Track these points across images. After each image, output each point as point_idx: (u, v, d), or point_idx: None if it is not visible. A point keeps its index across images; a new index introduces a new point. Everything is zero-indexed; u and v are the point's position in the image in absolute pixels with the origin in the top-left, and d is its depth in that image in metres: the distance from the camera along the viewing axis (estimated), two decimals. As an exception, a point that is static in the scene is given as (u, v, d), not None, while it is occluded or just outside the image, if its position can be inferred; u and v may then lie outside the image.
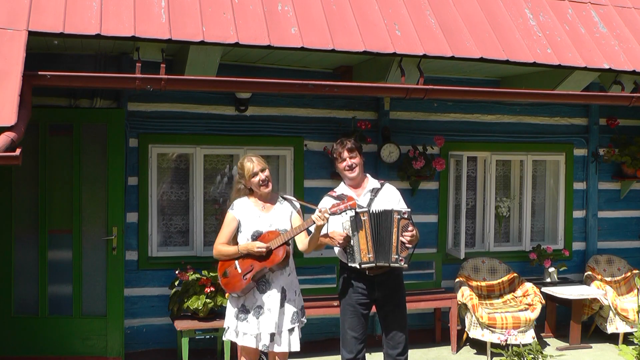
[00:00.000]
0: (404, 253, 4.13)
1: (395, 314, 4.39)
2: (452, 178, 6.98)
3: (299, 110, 6.47)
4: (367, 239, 4.13)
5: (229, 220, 4.28)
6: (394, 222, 4.13)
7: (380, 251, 4.15)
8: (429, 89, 5.28)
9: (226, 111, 6.28)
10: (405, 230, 4.13)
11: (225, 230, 4.27)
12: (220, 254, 4.23)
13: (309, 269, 6.40)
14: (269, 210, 4.25)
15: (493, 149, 7.06)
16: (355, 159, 4.35)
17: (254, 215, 4.23)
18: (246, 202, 4.29)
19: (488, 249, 7.09)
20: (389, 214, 4.15)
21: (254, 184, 4.19)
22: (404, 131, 6.69)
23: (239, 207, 4.28)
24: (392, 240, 4.13)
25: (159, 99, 6.03)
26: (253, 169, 4.19)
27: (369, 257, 4.14)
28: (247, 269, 4.12)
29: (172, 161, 6.35)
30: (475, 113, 7.01)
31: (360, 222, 4.13)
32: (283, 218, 4.23)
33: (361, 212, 4.16)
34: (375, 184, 4.42)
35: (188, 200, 6.33)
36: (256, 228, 4.18)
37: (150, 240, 6.13)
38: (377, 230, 4.15)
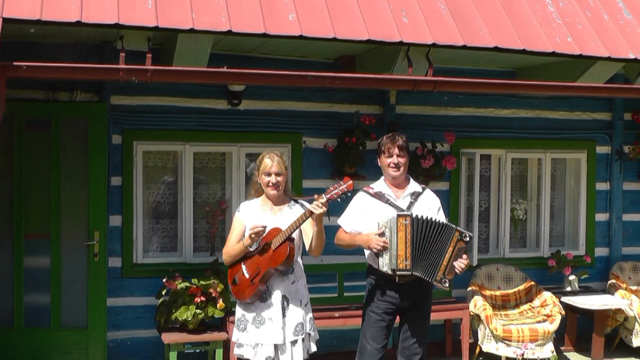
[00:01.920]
0: (450, 275, 4.18)
1: (418, 322, 4.45)
2: (463, 178, 6.98)
3: (297, 104, 6.47)
4: (406, 244, 4.17)
5: (235, 224, 4.35)
6: (452, 240, 4.18)
7: (421, 262, 4.19)
8: (439, 80, 5.28)
9: (218, 105, 6.28)
10: (460, 254, 4.18)
11: (233, 235, 4.33)
12: (229, 256, 4.30)
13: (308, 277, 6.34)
14: (276, 214, 4.29)
15: (508, 147, 7.06)
16: (403, 158, 4.42)
17: (259, 219, 4.26)
18: (254, 204, 4.35)
19: (503, 255, 7.10)
20: (451, 230, 4.19)
21: (263, 182, 4.25)
22: (411, 127, 6.69)
23: (245, 209, 4.35)
24: (444, 259, 4.17)
25: (145, 92, 6.02)
26: (269, 168, 4.24)
27: (405, 264, 4.18)
28: (255, 272, 4.17)
29: (159, 159, 6.35)
30: (489, 107, 7.00)
31: (401, 226, 4.17)
32: (290, 221, 4.23)
33: (403, 216, 4.21)
34: (417, 188, 4.48)
35: (176, 202, 6.33)
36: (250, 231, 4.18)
37: (135, 246, 6.13)
38: (423, 239, 4.19)
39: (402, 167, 4.41)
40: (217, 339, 5.77)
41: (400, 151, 4.41)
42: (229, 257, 4.30)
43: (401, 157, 4.41)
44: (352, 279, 6.35)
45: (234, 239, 4.30)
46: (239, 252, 4.24)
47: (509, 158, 7.11)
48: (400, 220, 4.19)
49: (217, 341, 5.77)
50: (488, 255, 7.11)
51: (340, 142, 6.40)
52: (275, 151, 4.35)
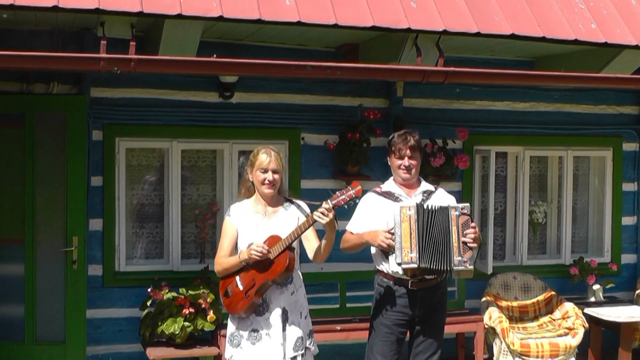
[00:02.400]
0: (467, 254, 4.20)
1: (432, 334, 4.45)
2: (477, 178, 6.97)
3: (294, 96, 6.47)
4: (411, 236, 4.19)
5: (227, 229, 4.29)
6: (452, 220, 4.21)
7: (429, 253, 4.20)
8: (450, 71, 5.27)
9: (208, 98, 6.28)
10: (466, 227, 4.21)
11: (225, 241, 4.27)
12: (223, 268, 4.25)
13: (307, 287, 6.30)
14: (270, 217, 4.25)
15: (526, 143, 7.06)
16: (415, 160, 4.45)
17: (251, 223, 4.23)
18: (245, 206, 4.30)
19: (520, 263, 7.10)
20: (444, 210, 4.24)
21: (257, 179, 4.20)
22: (420, 122, 6.69)
23: (236, 212, 4.29)
24: (452, 240, 4.19)
25: (128, 84, 6.02)
26: (265, 164, 4.20)
27: (410, 257, 4.18)
28: (249, 284, 4.14)
29: (143, 157, 6.35)
30: (506, 100, 7.00)
31: (405, 216, 4.20)
32: (288, 226, 4.20)
33: (407, 206, 4.24)
34: (429, 187, 4.53)
35: (163, 204, 6.33)
36: (251, 239, 4.16)
37: (118, 252, 6.13)
38: (427, 229, 4.21)
39: (413, 169, 4.43)
40: (208, 354, 5.76)
41: (413, 152, 4.43)
42: (222, 269, 4.26)
43: (413, 159, 4.42)
44: (355, 288, 6.35)
45: (226, 247, 4.26)
46: (233, 266, 4.20)
47: (527, 156, 7.11)
48: (404, 211, 4.21)
49: (207, 357, 5.77)
50: (504, 262, 7.10)
51: (342, 139, 6.40)
52: (271, 146, 4.33)
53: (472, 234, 4.20)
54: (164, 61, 4.94)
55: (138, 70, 4.69)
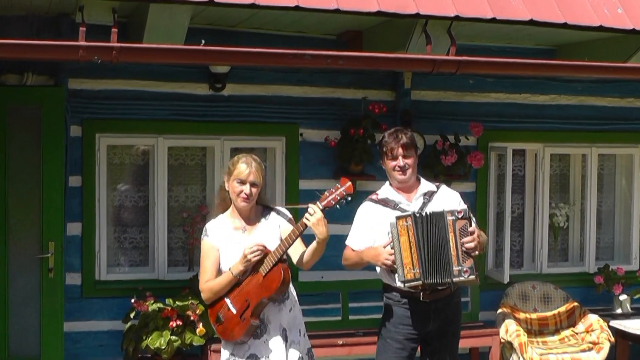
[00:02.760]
0: (467, 263, 4.19)
1: (447, 348, 4.47)
2: (492, 177, 6.98)
3: (292, 88, 6.47)
4: (411, 250, 4.19)
5: (207, 250, 4.22)
6: (448, 226, 4.21)
7: (432, 266, 4.20)
8: (463, 60, 5.27)
9: (197, 90, 6.29)
10: (464, 233, 4.20)
11: (207, 264, 4.20)
12: (213, 293, 4.17)
13: (306, 297, 6.37)
14: (251, 231, 4.22)
15: (547, 140, 7.07)
16: (410, 159, 4.43)
17: (231, 241, 4.19)
18: (221, 222, 4.25)
19: (540, 271, 7.10)
20: (439, 216, 4.23)
21: (233, 190, 4.15)
22: (429, 116, 6.69)
23: (213, 231, 4.23)
24: (451, 249, 4.19)
25: (110, 75, 6.02)
26: (244, 175, 4.12)
27: (414, 274, 4.19)
28: (243, 306, 4.09)
29: (126, 155, 6.35)
30: (524, 93, 7.01)
31: (402, 229, 4.19)
32: (270, 236, 4.19)
33: (403, 217, 4.21)
34: (430, 187, 4.51)
35: (147, 207, 6.33)
36: (235, 259, 4.13)
37: (98, 259, 6.13)
38: (426, 239, 4.20)
39: (409, 170, 4.41)
40: (197, 372, 5.77)
41: (406, 151, 4.41)
42: (213, 294, 4.17)
43: (408, 157, 4.41)
44: (359, 299, 6.35)
45: (210, 269, 4.18)
46: (226, 284, 4.13)
47: (548, 154, 7.11)
48: (401, 223, 4.21)
49: (196, 374, 5.77)
50: (522, 270, 7.11)
51: (344, 135, 6.40)
52: (253, 155, 4.29)
53: (471, 242, 4.19)
54: (149, 50, 4.93)
55: (120, 59, 4.69)
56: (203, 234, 4.27)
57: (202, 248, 4.26)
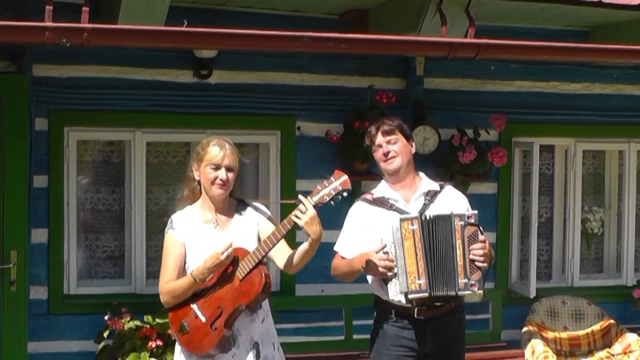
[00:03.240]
0: (475, 275, 4.16)
1: None
2: (517, 177, 6.97)
3: (288, 76, 6.46)
4: (417, 256, 4.14)
5: (170, 246, 4.18)
6: (455, 232, 4.17)
7: (439, 275, 4.16)
8: (483, 43, 5.25)
9: (180, 78, 6.28)
10: (473, 240, 4.16)
11: (170, 262, 4.16)
12: (172, 296, 4.14)
13: (304, 314, 6.38)
14: (224, 226, 4.18)
15: (579, 134, 7.06)
16: (396, 144, 4.37)
17: (202, 236, 4.16)
18: (191, 215, 4.21)
19: (571, 284, 7.09)
20: (446, 219, 4.19)
21: (206, 177, 4.11)
22: (445, 107, 6.68)
23: (181, 224, 4.19)
24: (457, 258, 4.16)
25: (81, 60, 6.02)
26: (217, 158, 4.10)
27: (419, 285, 4.13)
28: (215, 313, 4.06)
29: (99, 152, 6.34)
30: (553, 80, 6.99)
31: (407, 232, 4.15)
32: (247, 234, 4.18)
33: (408, 219, 4.18)
34: (432, 186, 4.47)
35: (123, 211, 6.33)
36: (204, 257, 4.07)
37: (67, 271, 6.12)
38: (432, 244, 4.16)
39: (397, 157, 4.36)
40: (179, 399, 5.74)
41: (388, 135, 4.37)
42: (173, 297, 4.14)
43: (392, 142, 4.37)
44: (364, 315, 6.26)
45: (173, 269, 4.14)
46: (186, 289, 4.09)
47: (580, 150, 7.10)
48: (405, 226, 4.15)
49: (178, 401, 5.74)
50: (551, 283, 7.10)
51: (347, 129, 6.39)
52: (226, 137, 4.26)
53: (481, 250, 4.16)
54: (125, 31, 4.92)
55: (92, 42, 4.68)
56: (167, 227, 4.22)
57: (164, 242, 4.21)
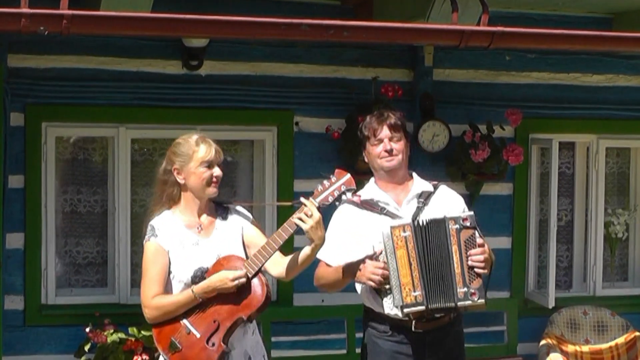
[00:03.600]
0: (475, 283, 4.11)
1: None
2: (534, 177, 6.99)
3: (285, 67, 6.48)
4: (411, 267, 4.09)
5: (154, 255, 4.12)
6: (450, 236, 4.13)
7: (435, 286, 4.15)
8: (498, 31, 5.25)
9: (168, 69, 6.30)
10: (470, 245, 4.14)
11: (154, 273, 4.10)
12: (163, 312, 4.10)
13: (303, 326, 6.40)
14: (208, 231, 4.18)
15: (601, 130, 7.08)
16: (399, 142, 4.34)
17: (188, 242, 4.13)
18: (171, 220, 4.18)
19: (593, 293, 7.11)
20: (439, 223, 4.15)
21: (200, 178, 4.09)
22: (456, 101, 6.69)
23: (164, 231, 4.15)
24: (454, 265, 4.11)
25: (60, 50, 6.03)
26: (212, 156, 4.10)
27: (414, 297, 4.09)
28: (211, 328, 4.04)
29: (80, 150, 6.37)
30: (573, 72, 7.01)
31: (399, 240, 4.13)
32: (232, 240, 4.17)
33: (400, 226, 4.15)
34: (425, 186, 4.41)
35: (106, 213, 6.35)
36: (197, 264, 4.08)
37: (45, 279, 6.13)
38: (427, 252, 4.15)
39: (399, 155, 4.35)
40: (167, 418, 5.76)
41: (394, 132, 4.34)
42: (162, 314, 4.09)
43: (395, 140, 4.36)
44: (368, 327, 6.34)
45: (158, 282, 4.08)
46: (183, 305, 4.05)
47: (603, 147, 7.12)
48: (397, 233, 4.11)
49: (166, 421, 5.76)
50: (571, 292, 7.12)
51: (350, 124, 6.39)
52: (200, 131, 4.26)
53: (480, 255, 4.10)
54: (108, 18, 4.92)
55: (72, 30, 4.67)
56: (149, 234, 4.16)
57: (146, 252, 4.15)
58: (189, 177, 4.12)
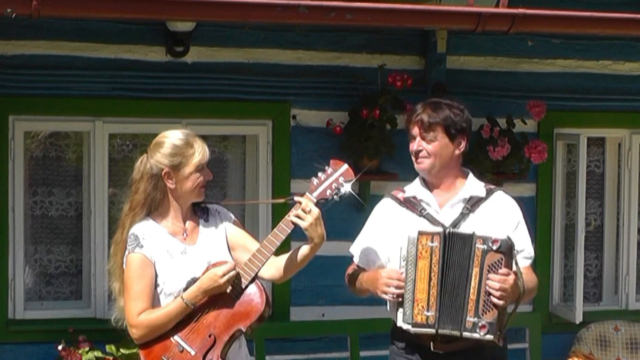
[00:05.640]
0: (488, 315, 4.07)
1: None
2: (560, 176, 7.00)
3: (282, 54, 6.50)
4: (430, 282, 4.07)
5: (139, 267, 4.09)
6: (474, 257, 4.08)
7: (447, 308, 4.13)
8: (519, 14, 5.26)
9: (150, 56, 6.31)
10: (494, 271, 4.08)
11: (140, 288, 4.07)
12: (152, 328, 4.09)
13: (302, 343, 6.40)
14: (194, 238, 4.18)
15: (635, 125, 7.09)
16: (432, 143, 4.29)
17: (175, 251, 4.13)
18: (153, 227, 4.16)
19: (626, 306, 7.12)
20: (466, 240, 4.10)
21: (195, 183, 4.08)
22: (472, 91, 6.68)
23: (148, 239, 4.13)
24: (470, 290, 4.07)
25: (29, 34, 6.03)
26: (206, 158, 4.10)
27: (426, 317, 4.07)
28: (207, 343, 4.04)
29: (52, 146, 6.37)
30: (602, 59, 7.02)
31: (425, 250, 4.10)
32: (218, 244, 4.18)
33: (428, 234, 4.11)
34: (477, 190, 4.36)
35: (81, 217, 6.36)
36: (188, 274, 4.07)
37: (12, 290, 6.14)
38: (448, 269, 4.10)
39: (429, 158, 4.31)
40: None
41: (426, 131, 4.32)
42: (151, 330, 4.08)
43: (428, 140, 4.34)
44: (373, 345, 6.31)
45: (145, 298, 4.07)
46: (175, 316, 4.05)
47: (636, 144, 7.13)
48: (424, 241, 4.08)
49: None
50: (601, 305, 7.12)
51: (354, 118, 6.41)
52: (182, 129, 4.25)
53: (497, 283, 4.01)
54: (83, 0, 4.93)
55: (43, 13, 4.69)
56: (132, 245, 4.11)
57: (131, 265, 4.11)
58: (182, 182, 4.10)
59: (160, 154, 4.11)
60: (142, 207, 4.15)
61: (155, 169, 4.09)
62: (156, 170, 4.10)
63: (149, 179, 4.12)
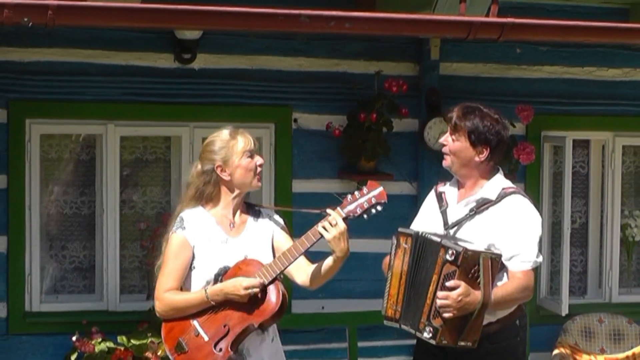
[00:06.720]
0: (436, 321, 4.08)
1: None
2: (547, 177, 7.00)
3: (284, 60, 6.50)
4: (400, 280, 4.15)
5: (177, 248, 4.16)
6: (436, 264, 4.08)
7: (409, 307, 4.15)
8: (508, 23, 5.25)
9: (159, 62, 6.31)
10: (448, 280, 4.06)
11: (173, 267, 4.14)
12: (172, 308, 4.14)
13: (302, 335, 6.39)
14: (239, 230, 4.21)
15: (618, 127, 7.08)
16: (457, 142, 4.31)
17: (216, 239, 4.16)
18: (202, 214, 4.21)
19: (609, 299, 7.12)
20: (434, 247, 4.11)
21: (248, 168, 4.13)
22: (463, 96, 6.60)
23: (192, 223, 4.18)
24: (427, 294, 4.09)
25: (45, 42, 6.04)
26: (251, 144, 4.17)
27: (394, 311, 4.17)
28: (219, 332, 4.06)
29: (66, 148, 6.37)
30: (588, 66, 7.02)
31: (400, 250, 4.15)
32: (262, 244, 4.20)
33: (405, 235, 4.17)
34: (490, 193, 4.34)
35: (94, 216, 6.35)
36: (223, 263, 4.11)
37: (29, 285, 6.14)
38: (415, 271, 4.14)
39: (450, 156, 4.33)
40: None
41: (454, 132, 4.35)
42: (172, 310, 4.13)
43: (454, 139, 4.36)
44: (371, 336, 6.34)
45: (175, 277, 4.13)
46: (195, 306, 4.09)
47: (619, 145, 7.13)
48: (401, 241, 4.16)
49: None
50: (585, 299, 7.12)
51: (352, 121, 6.41)
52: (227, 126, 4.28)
53: (443, 299, 4.01)
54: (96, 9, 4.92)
55: (58, 22, 4.67)
56: (176, 225, 4.18)
57: (171, 243, 4.17)
58: (234, 171, 4.15)
59: (210, 151, 4.19)
60: (192, 199, 4.24)
61: (207, 166, 4.18)
62: (208, 167, 4.18)
63: (203, 176, 4.20)
